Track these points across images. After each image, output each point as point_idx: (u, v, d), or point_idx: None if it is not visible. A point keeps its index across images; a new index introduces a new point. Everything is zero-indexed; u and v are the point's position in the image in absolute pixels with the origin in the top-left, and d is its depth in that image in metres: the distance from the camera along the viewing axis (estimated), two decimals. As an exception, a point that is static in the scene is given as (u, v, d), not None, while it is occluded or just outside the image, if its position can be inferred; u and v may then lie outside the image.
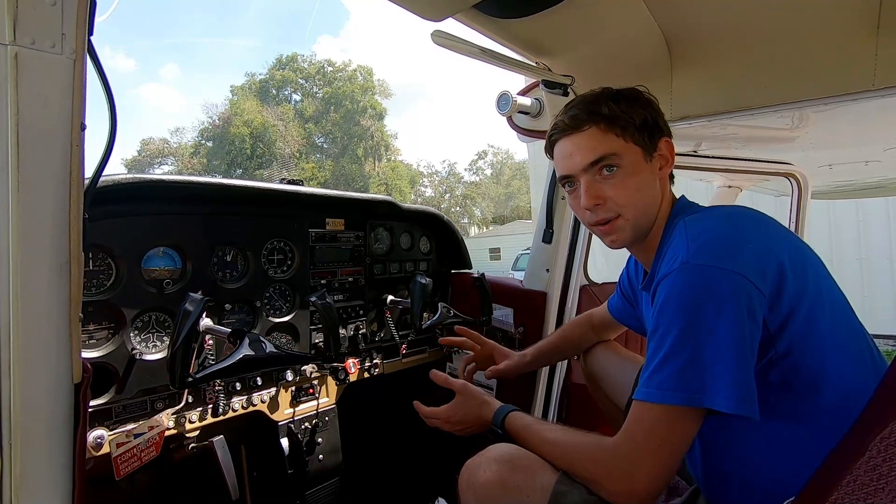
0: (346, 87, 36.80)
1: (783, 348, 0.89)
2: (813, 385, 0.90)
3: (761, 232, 0.97)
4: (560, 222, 2.02)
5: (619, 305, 1.51)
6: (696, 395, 0.85)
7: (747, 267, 0.87)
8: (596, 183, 1.06)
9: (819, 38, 1.34)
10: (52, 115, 0.71)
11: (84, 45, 0.73)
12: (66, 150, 0.73)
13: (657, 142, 1.08)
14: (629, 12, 1.39)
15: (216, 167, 35.39)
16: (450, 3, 1.23)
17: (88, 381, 0.83)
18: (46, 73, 0.69)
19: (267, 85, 38.02)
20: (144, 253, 1.39)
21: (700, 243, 0.92)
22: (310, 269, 1.81)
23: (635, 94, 1.09)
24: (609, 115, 1.04)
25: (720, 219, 1.00)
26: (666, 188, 1.12)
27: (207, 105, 41.41)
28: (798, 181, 2.48)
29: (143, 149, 37.16)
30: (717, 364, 0.84)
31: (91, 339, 1.30)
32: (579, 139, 1.07)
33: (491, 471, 1.06)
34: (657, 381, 0.89)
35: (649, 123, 1.07)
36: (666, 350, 0.88)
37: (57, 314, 0.76)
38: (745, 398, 0.84)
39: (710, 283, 0.87)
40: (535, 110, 2.04)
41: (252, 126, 34.44)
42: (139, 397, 1.36)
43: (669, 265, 0.93)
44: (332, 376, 1.82)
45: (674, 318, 0.89)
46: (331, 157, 37.55)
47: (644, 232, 1.10)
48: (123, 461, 1.17)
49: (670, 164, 1.10)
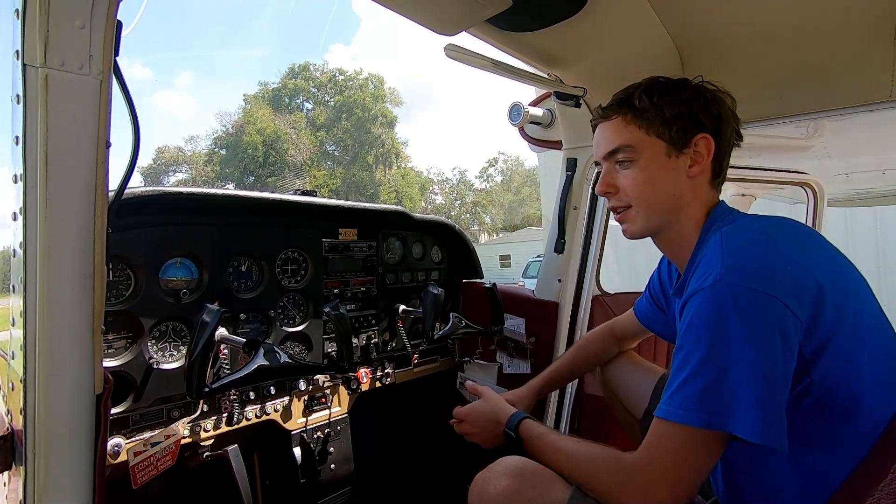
0: (357, 96, 37.14)
1: (819, 376, 0.85)
2: (848, 413, 0.86)
3: (801, 250, 0.92)
4: (572, 232, 2.01)
5: (647, 310, 1.45)
6: (717, 418, 0.82)
7: (783, 290, 0.82)
8: (612, 171, 1.08)
9: (834, 49, 1.33)
10: (79, 133, 0.73)
11: (110, 66, 0.75)
12: (91, 167, 0.75)
13: (691, 138, 1.03)
14: (641, 23, 1.39)
15: (229, 175, 35.86)
16: (463, 18, 1.25)
17: (110, 392, 0.84)
18: (74, 93, 0.72)
19: (279, 94, 38.50)
20: (162, 263, 1.42)
21: (734, 261, 0.88)
22: (323, 279, 1.82)
23: (679, 86, 1.05)
24: (638, 108, 1.03)
25: (758, 234, 0.95)
26: (699, 187, 1.05)
27: (221, 113, 42.15)
28: (814, 190, 2.45)
29: (159, 157, 37.76)
30: (742, 388, 0.81)
31: (110, 349, 1.33)
32: (605, 128, 1.09)
33: (502, 484, 1.04)
34: (679, 400, 0.86)
35: (684, 117, 1.02)
36: (690, 369, 0.85)
37: (81, 326, 0.78)
38: (772, 427, 0.80)
39: (741, 305, 0.83)
40: (546, 121, 2.06)
41: (265, 134, 34.86)
42: (156, 406, 1.38)
43: (701, 280, 0.90)
44: (345, 386, 1.82)
45: (701, 338, 0.85)
46: (342, 165, 37.84)
47: (660, 227, 1.07)
48: (140, 470, 1.19)
49: (705, 161, 1.04)
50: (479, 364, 2.24)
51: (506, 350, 2.17)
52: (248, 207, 1.63)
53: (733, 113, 1.08)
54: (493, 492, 1.05)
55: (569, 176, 1.99)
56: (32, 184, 0.71)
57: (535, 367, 2.07)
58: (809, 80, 1.41)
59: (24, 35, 0.68)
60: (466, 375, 2.26)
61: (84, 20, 0.71)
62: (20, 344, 0.75)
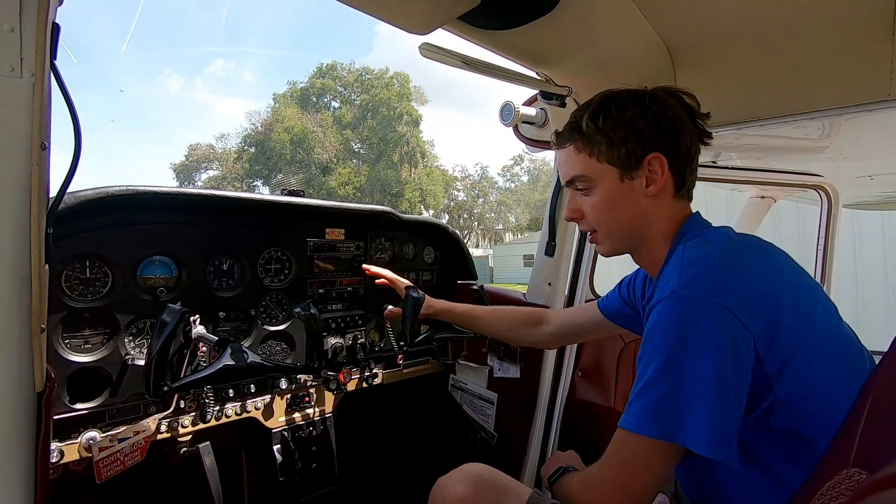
0: (383, 94, 37.39)
1: (783, 393, 0.84)
2: (819, 434, 0.83)
3: (760, 264, 0.92)
4: (563, 235, 1.96)
5: (618, 309, 1.41)
6: (669, 429, 0.82)
7: (735, 302, 0.82)
8: (575, 197, 1.10)
9: (830, 47, 1.25)
10: (11, 135, 0.74)
11: (44, 68, 0.75)
12: (25, 169, 0.76)
13: (642, 158, 0.99)
14: (623, 20, 1.34)
15: (258, 172, 36.71)
16: (433, 17, 1.22)
17: (52, 390, 0.85)
18: (5, 96, 0.72)
19: (307, 93, 39.14)
20: (140, 261, 1.44)
21: (690, 273, 0.88)
22: (307, 279, 1.83)
23: (628, 101, 1.01)
24: (586, 133, 1.02)
25: (718, 247, 0.95)
26: (661, 204, 1.03)
27: (251, 112, 43.15)
28: (828, 194, 2.32)
29: (191, 154, 38.97)
30: (693, 402, 0.81)
31: (86, 344, 1.36)
32: (561, 155, 1.11)
33: (458, 490, 1.08)
34: (635, 409, 0.87)
35: (631, 138, 0.99)
36: (646, 380, 0.86)
37: (17, 326, 0.79)
38: (721, 442, 0.80)
39: (695, 316, 0.83)
40: (539, 120, 2.00)
41: (292, 132, 35.51)
42: (132, 401, 1.41)
43: (661, 292, 0.91)
44: (324, 386, 1.82)
45: (657, 349, 0.86)
46: (367, 163, 38.21)
47: (627, 248, 1.09)
48: (105, 465, 1.21)
49: (661, 180, 1.00)
50: (470, 367, 2.21)
51: (496, 353, 2.13)
52: (230, 207, 1.64)
53: (696, 113, 1.04)
54: (449, 496, 1.09)
55: (559, 178, 1.93)
56: (-37, 185, 0.72)
57: (524, 371, 2.03)
58: (806, 79, 1.34)
59: None
60: (459, 378, 2.24)
61: (13, 23, 0.71)
62: None
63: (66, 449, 1.27)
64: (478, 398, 2.18)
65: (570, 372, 2.06)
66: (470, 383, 2.22)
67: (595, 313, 1.46)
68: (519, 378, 2.04)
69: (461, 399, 2.25)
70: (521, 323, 1.62)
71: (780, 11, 1.24)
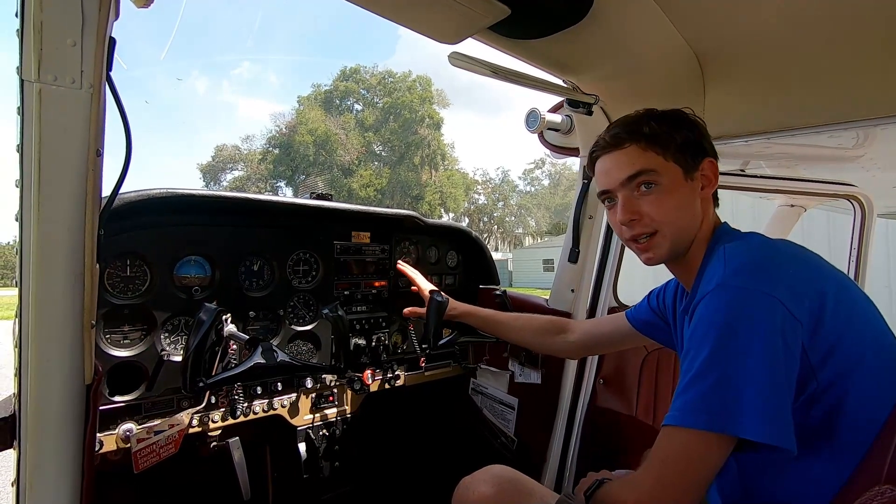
0: (405, 98, 37.70)
1: (825, 382, 0.84)
2: (852, 421, 0.84)
3: (802, 262, 0.94)
4: (587, 242, 1.96)
5: (647, 319, 1.41)
6: (719, 419, 0.81)
7: (784, 292, 0.83)
8: (633, 198, 1.06)
9: (863, 56, 1.23)
10: (70, 143, 0.79)
11: (101, 80, 0.80)
12: (82, 174, 0.81)
13: (700, 161, 1.06)
14: (652, 29, 1.34)
15: (282, 173, 37.39)
16: (462, 26, 1.25)
17: (100, 383, 0.90)
18: (66, 106, 0.77)
19: (331, 95, 39.71)
20: (177, 261, 1.50)
21: (736, 264, 0.90)
22: (334, 280, 1.87)
23: (678, 115, 1.09)
24: (649, 134, 1.05)
25: (759, 244, 0.99)
26: (708, 209, 1.09)
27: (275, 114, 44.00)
28: (861, 203, 2.26)
29: (217, 154, 39.90)
30: (747, 388, 0.80)
31: (125, 339, 1.42)
32: (619, 156, 1.08)
33: (481, 490, 1.09)
34: (680, 404, 0.86)
35: (691, 143, 1.06)
36: (696, 371, 0.85)
37: (71, 321, 0.84)
38: (778, 427, 0.79)
39: (743, 305, 0.84)
40: (565, 127, 2.01)
41: (315, 134, 36.07)
42: (167, 395, 1.46)
43: (705, 287, 0.91)
44: (348, 386, 1.86)
45: (704, 340, 0.85)
46: (388, 165, 38.53)
47: (681, 250, 1.08)
48: (142, 456, 1.26)
49: (713, 184, 1.08)
50: (490, 371, 2.22)
51: (517, 358, 2.14)
52: (262, 210, 1.69)
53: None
54: (473, 497, 1.10)
55: (585, 184, 1.94)
56: (28, 189, 0.77)
57: (545, 377, 2.03)
58: (836, 89, 1.31)
59: (22, 52, 0.75)
60: (479, 381, 2.25)
61: (75, 38, 0.76)
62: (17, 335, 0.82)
63: (106, 439, 1.33)
64: (498, 403, 2.18)
65: (591, 379, 2.05)
66: (490, 387, 2.23)
67: (620, 323, 1.46)
68: (540, 384, 2.05)
69: (481, 403, 2.27)
70: (545, 331, 1.63)
71: (811, 21, 1.23)
